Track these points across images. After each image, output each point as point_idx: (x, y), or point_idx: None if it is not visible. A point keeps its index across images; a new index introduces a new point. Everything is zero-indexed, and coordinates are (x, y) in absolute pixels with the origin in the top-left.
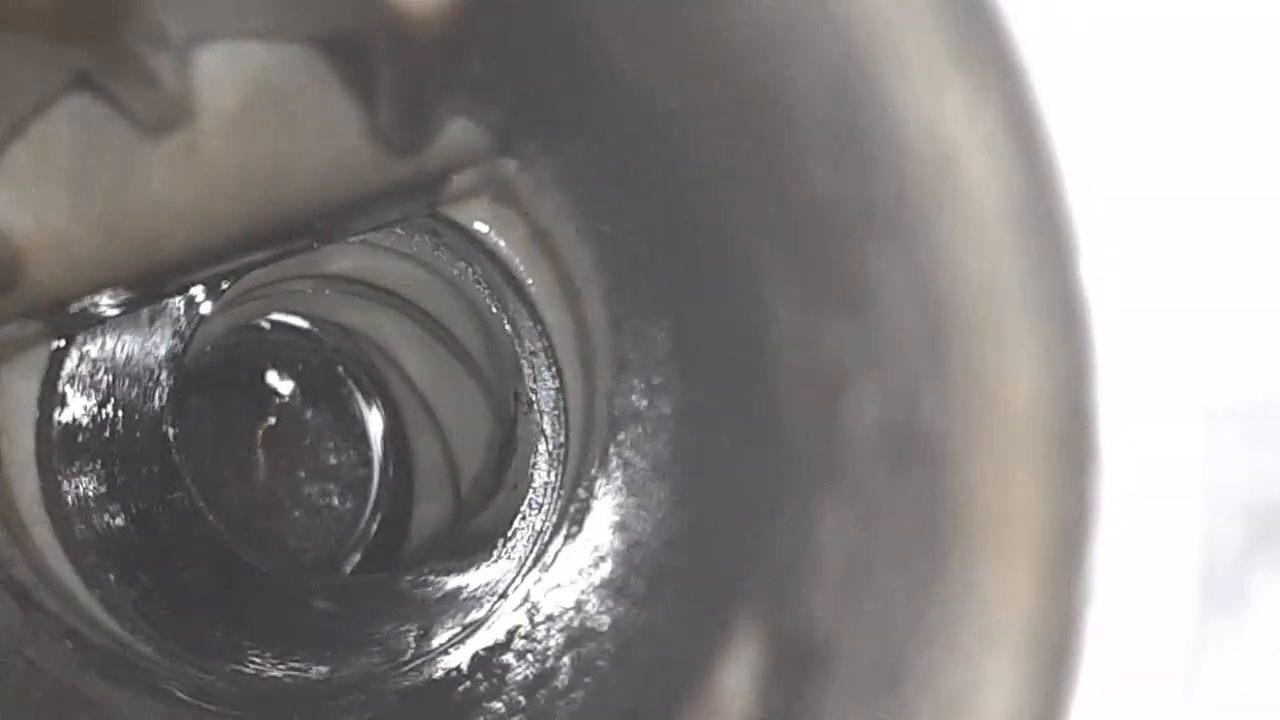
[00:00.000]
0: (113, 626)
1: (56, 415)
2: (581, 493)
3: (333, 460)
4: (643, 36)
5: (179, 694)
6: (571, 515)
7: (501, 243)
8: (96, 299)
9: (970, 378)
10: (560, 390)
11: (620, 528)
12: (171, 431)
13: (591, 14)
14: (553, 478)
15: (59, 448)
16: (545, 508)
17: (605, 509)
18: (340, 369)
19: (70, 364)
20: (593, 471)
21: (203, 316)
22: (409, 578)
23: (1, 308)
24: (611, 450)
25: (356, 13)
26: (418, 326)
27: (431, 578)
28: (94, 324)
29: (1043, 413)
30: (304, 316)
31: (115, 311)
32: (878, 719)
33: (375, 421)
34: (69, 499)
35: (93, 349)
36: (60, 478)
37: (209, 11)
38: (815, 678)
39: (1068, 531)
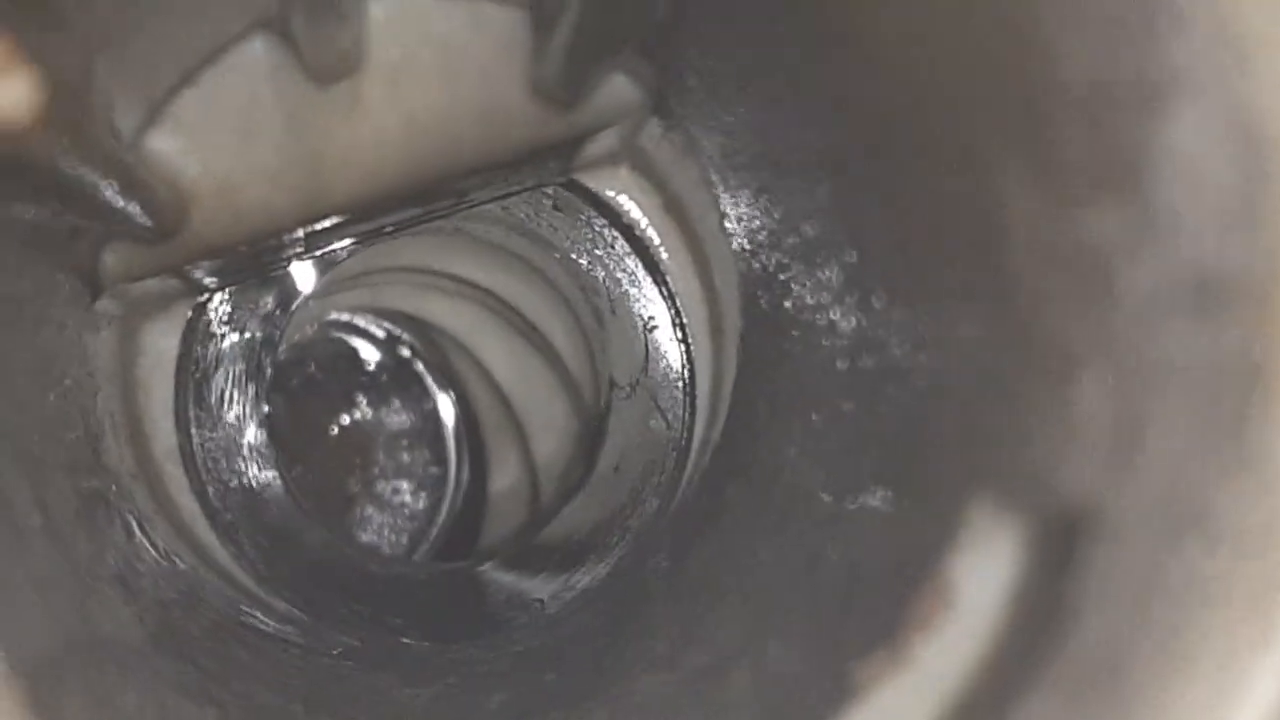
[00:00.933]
0: (248, 584)
1: (192, 373)
2: (712, 459)
3: (408, 457)
4: None
5: (312, 647)
6: (702, 480)
7: (636, 210)
8: (248, 252)
9: None
10: (687, 362)
11: (777, 466)
12: (265, 409)
13: None
14: (674, 449)
15: (193, 406)
16: (663, 485)
17: (755, 459)
18: (419, 365)
19: (205, 325)
20: (726, 434)
21: (304, 298)
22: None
23: (165, 254)
24: (759, 400)
25: None
26: (498, 318)
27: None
28: (235, 283)
29: None
30: (381, 310)
31: (256, 271)
32: (1158, 571)
33: (450, 417)
34: (201, 458)
35: (224, 313)
36: (193, 437)
37: None
38: (1081, 550)
39: None
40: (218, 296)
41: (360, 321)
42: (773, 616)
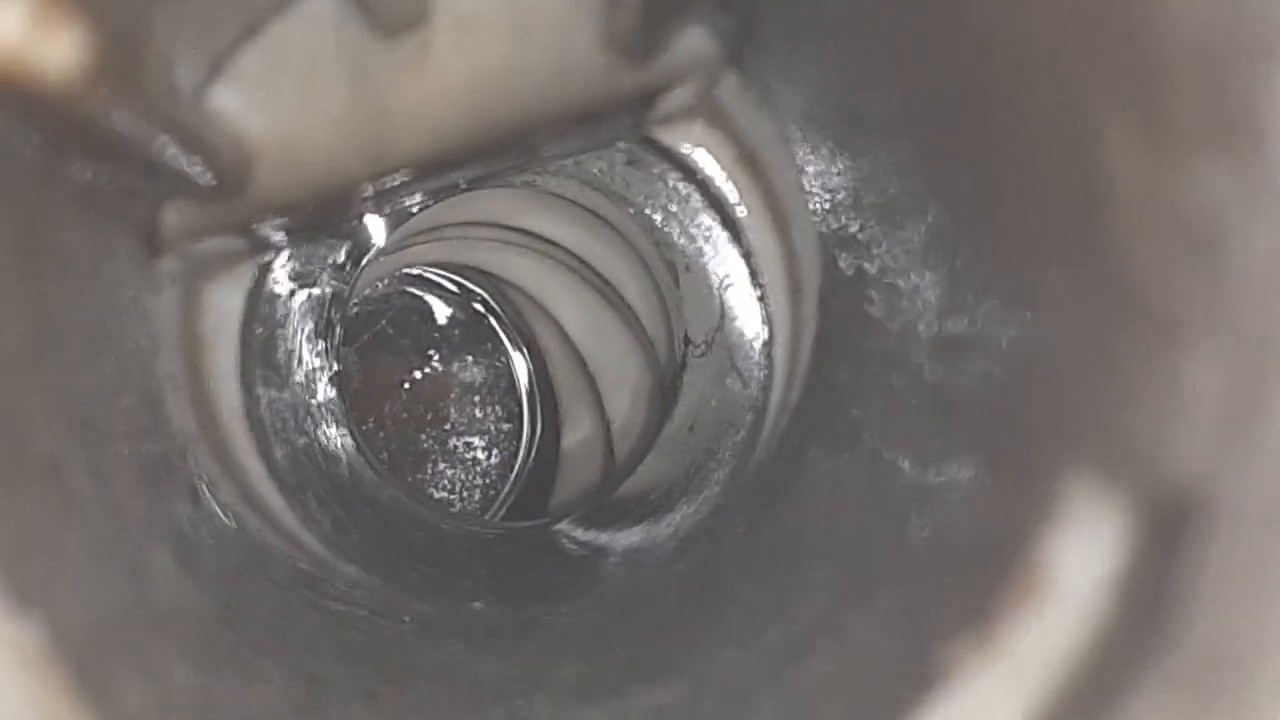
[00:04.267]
0: (317, 549)
1: (258, 332)
2: (791, 422)
3: (480, 414)
4: None
5: (380, 615)
6: (780, 443)
7: (712, 166)
8: (314, 209)
9: None
10: (765, 321)
11: (858, 433)
12: (335, 367)
13: None
14: (750, 410)
15: (259, 366)
16: (740, 447)
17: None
18: (492, 320)
19: (271, 282)
20: (805, 397)
21: (375, 253)
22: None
23: (228, 212)
24: (839, 363)
25: None
26: (572, 274)
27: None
28: (303, 241)
29: None
30: (453, 266)
31: (324, 226)
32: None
33: (523, 373)
34: (268, 419)
35: (291, 269)
36: (259, 397)
37: None
38: (1194, 536)
39: None
40: (284, 253)
41: (432, 276)
42: (854, 591)
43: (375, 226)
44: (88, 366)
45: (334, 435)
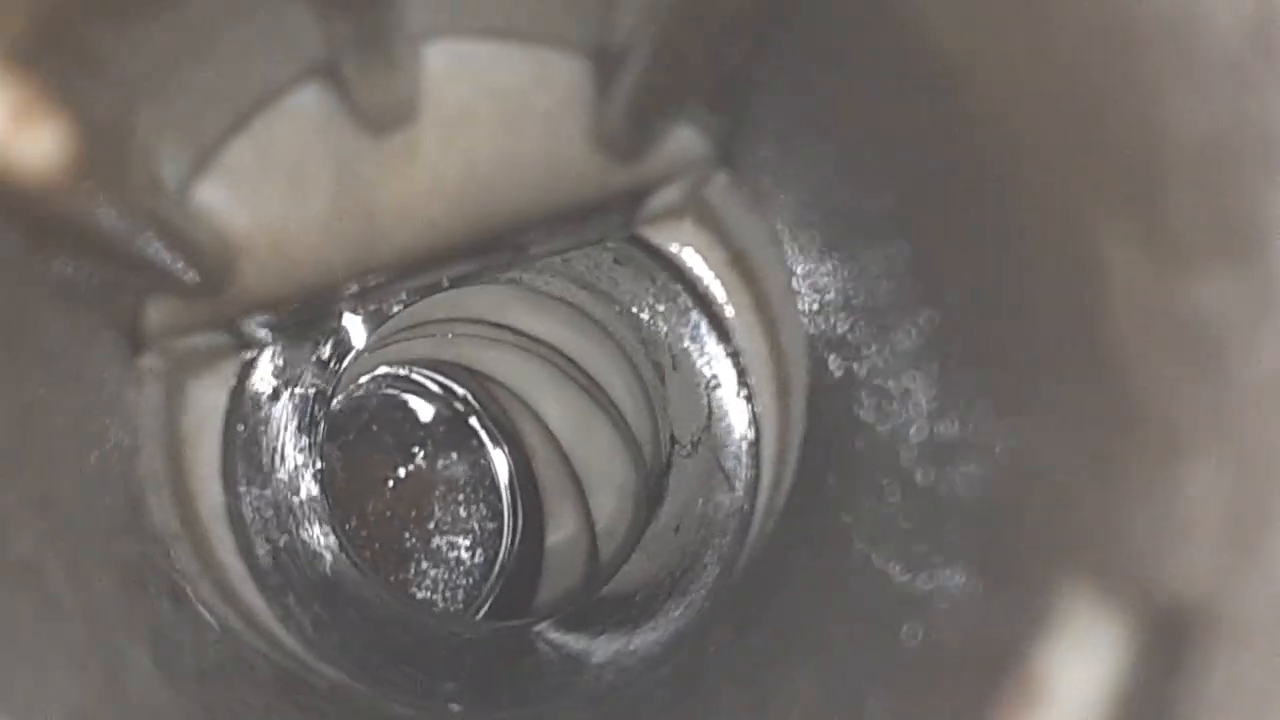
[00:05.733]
0: (296, 649)
1: (240, 430)
2: (778, 525)
3: (463, 512)
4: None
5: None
6: (768, 547)
7: (700, 266)
8: (299, 307)
9: None
10: (752, 423)
11: (847, 538)
12: (318, 464)
13: None
14: (737, 513)
15: (241, 464)
16: (725, 549)
17: (825, 527)
18: (473, 419)
19: (255, 379)
20: (792, 500)
21: (357, 352)
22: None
23: (212, 309)
24: (827, 466)
25: (637, 11)
26: (557, 372)
27: (588, 627)
28: (285, 337)
29: None
30: (437, 363)
31: (309, 323)
32: None
33: (505, 472)
34: (249, 517)
35: (275, 366)
36: (242, 495)
37: (444, 6)
38: (1196, 651)
39: None
40: (268, 349)
41: (416, 374)
42: (842, 700)
43: (355, 326)
44: (68, 466)
45: (317, 534)
